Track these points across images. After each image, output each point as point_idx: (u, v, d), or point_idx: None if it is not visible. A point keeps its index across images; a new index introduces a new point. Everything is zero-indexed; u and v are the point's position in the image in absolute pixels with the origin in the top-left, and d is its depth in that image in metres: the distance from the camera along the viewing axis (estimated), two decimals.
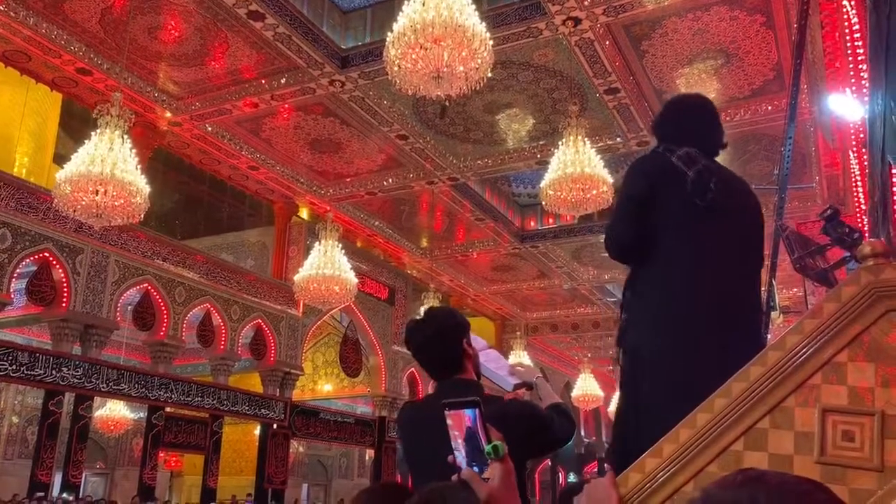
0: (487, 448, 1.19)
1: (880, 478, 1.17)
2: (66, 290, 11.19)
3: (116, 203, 8.54)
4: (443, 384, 2.10)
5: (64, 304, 11.18)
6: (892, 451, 1.18)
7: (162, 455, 14.84)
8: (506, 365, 2.40)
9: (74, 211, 8.66)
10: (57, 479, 11.55)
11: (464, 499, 1.16)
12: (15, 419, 16.59)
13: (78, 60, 10.66)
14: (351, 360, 17.69)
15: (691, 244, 2.11)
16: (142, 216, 9.09)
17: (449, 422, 1.24)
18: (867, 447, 1.19)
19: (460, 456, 1.22)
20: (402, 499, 1.38)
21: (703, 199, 2.08)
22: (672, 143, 2.26)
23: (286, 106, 11.90)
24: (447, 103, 7.76)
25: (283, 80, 11.15)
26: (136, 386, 12.28)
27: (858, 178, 6.88)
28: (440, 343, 2.07)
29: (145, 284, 12.59)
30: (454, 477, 1.21)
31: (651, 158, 2.29)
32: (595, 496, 1.29)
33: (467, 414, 1.22)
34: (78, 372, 11.22)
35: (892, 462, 1.17)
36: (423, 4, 7.05)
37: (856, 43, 5.14)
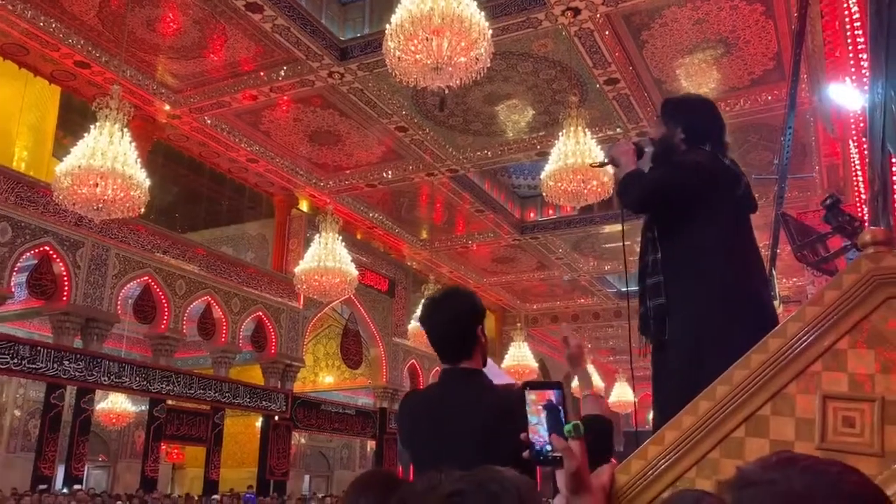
0: (568, 426, 1.24)
1: (881, 463, 1.18)
2: (66, 283, 11.20)
3: (116, 196, 8.53)
4: (446, 372, 2.02)
5: (65, 298, 11.20)
6: (893, 437, 1.19)
7: (164, 447, 14.87)
8: (499, 373, 2.34)
9: (74, 204, 8.64)
10: (60, 473, 11.58)
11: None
12: (17, 413, 16.60)
13: (76, 53, 10.63)
14: (352, 351, 17.72)
15: (735, 237, 2.42)
16: (142, 209, 9.06)
17: (532, 397, 1.29)
18: (867, 433, 1.20)
19: (543, 429, 1.27)
20: (394, 487, 1.41)
21: (750, 207, 2.47)
22: (695, 142, 2.53)
23: (285, 98, 11.87)
24: (447, 92, 7.74)
25: (281, 73, 11.12)
26: (138, 379, 12.31)
27: (858, 167, 6.87)
28: (456, 325, 1.99)
29: (146, 277, 12.60)
30: (525, 454, 1.27)
31: (708, 157, 2.50)
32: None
33: (550, 392, 1.28)
34: (79, 365, 11.25)
35: (893, 447, 1.18)
36: None
37: (856, 32, 5.11)
